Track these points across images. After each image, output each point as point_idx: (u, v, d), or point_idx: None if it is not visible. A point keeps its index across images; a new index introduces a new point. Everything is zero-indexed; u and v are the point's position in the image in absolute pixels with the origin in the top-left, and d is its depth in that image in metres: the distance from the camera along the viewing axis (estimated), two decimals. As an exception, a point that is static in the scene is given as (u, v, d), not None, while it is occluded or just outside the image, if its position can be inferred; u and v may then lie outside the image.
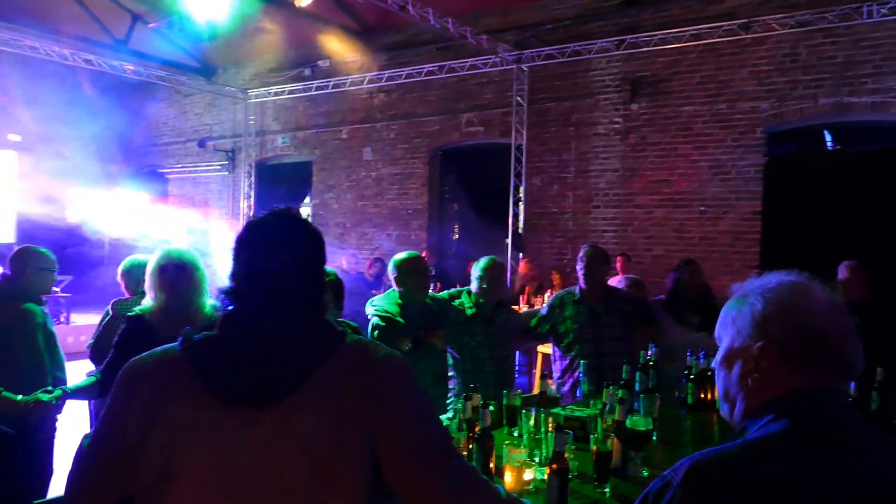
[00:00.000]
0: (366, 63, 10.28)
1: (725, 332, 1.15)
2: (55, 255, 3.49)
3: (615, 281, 4.55)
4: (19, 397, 2.61)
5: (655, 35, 7.73)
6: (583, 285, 3.87)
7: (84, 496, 1.26)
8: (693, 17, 7.72)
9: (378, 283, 9.18)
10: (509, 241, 8.92)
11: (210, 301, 2.87)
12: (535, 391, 3.91)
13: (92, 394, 2.82)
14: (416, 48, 9.95)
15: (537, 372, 6.17)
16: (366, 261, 9.25)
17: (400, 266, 3.53)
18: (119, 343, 2.72)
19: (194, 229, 11.12)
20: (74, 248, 11.81)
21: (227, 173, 12.18)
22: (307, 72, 10.95)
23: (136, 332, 2.67)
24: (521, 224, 8.94)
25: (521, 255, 8.77)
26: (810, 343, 1.06)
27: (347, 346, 1.28)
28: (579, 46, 8.24)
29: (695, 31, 7.52)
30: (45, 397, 2.60)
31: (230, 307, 1.29)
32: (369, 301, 3.63)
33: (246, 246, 1.32)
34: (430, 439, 1.23)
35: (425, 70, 9.45)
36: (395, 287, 3.56)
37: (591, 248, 3.93)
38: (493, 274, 3.70)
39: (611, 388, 2.68)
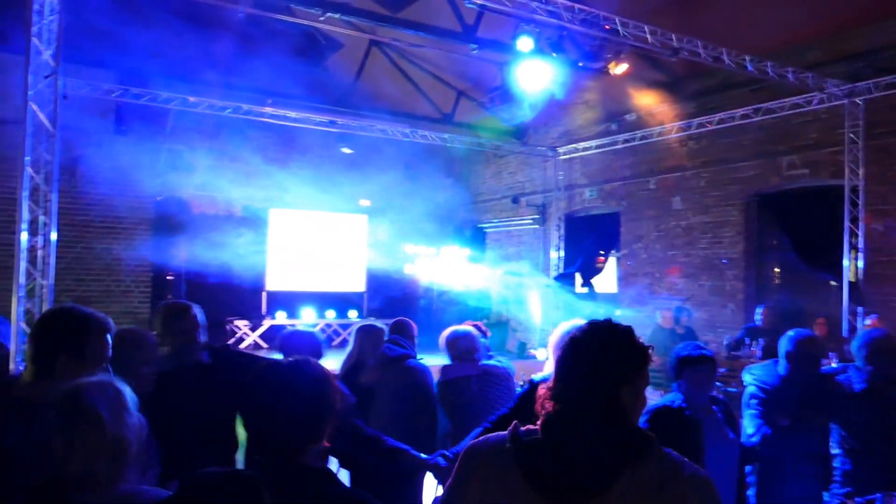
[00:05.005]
0: (673, 112, 10.23)
1: None
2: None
3: None
4: (423, 456, 3.18)
5: None
6: None
7: None
8: None
9: (690, 335, 8.87)
10: (844, 293, 8.03)
11: None
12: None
13: None
14: (728, 91, 9.63)
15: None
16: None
17: (790, 343, 3.53)
18: (517, 405, 3.21)
19: (509, 282, 12.03)
20: (408, 298, 13.56)
21: (537, 226, 12.95)
22: (613, 126, 11.26)
23: (534, 397, 3.15)
24: (859, 274, 8.01)
25: (861, 309, 7.84)
26: None
27: (654, 457, 1.41)
28: (930, 72, 7.24)
29: None
30: (442, 462, 3.11)
31: (552, 411, 1.49)
32: (746, 369, 3.70)
33: (569, 356, 1.52)
34: None
35: (739, 114, 9.09)
36: (781, 359, 3.58)
37: None
38: (882, 346, 3.44)
39: None
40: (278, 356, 3.38)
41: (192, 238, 10.99)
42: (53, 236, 5.61)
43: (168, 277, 11.99)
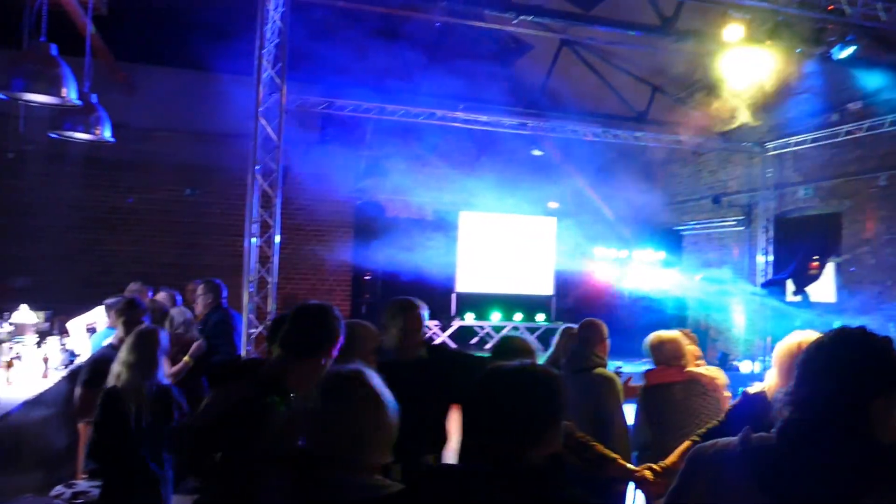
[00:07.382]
0: (912, 98, 8.97)
1: None
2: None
3: None
4: (631, 466, 3.01)
5: None
6: None
7: None
8: None
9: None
10: None
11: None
12: None
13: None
14: (983, 71, 8.25)
15: None
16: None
17: None
18: (731, 416, 2.99)
19: (709, 288, 11.28)
20: (599, 302, 13.18)
21: (742, 228, 11.98)
22: (834, 117, 10.11)
23: (749, 408, 2.92)
24: None
25: None
26: None
27: None
28: None
29: None
30: (649, 475, 2.93)
31: (789, 417, 1.41)
32: None
33: (814, 361, 1.43)
34: None
35: None
36: None
37: None
38: None
39: None
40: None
41: (387, 240, 11.53)
42: (277, 238, 6.14)
43: (366, 278, 12.70)
